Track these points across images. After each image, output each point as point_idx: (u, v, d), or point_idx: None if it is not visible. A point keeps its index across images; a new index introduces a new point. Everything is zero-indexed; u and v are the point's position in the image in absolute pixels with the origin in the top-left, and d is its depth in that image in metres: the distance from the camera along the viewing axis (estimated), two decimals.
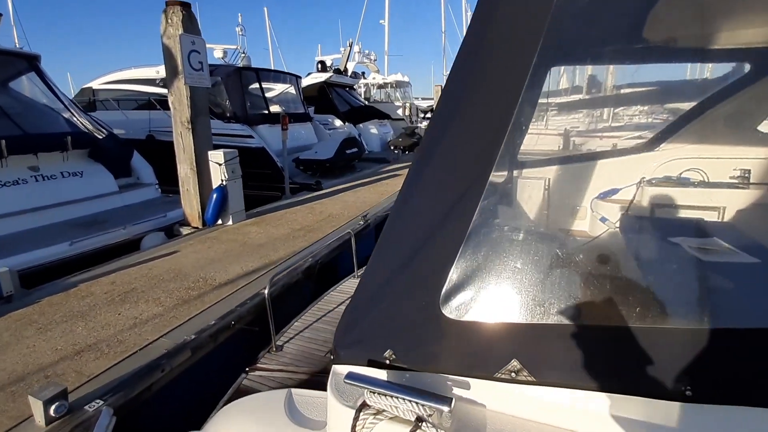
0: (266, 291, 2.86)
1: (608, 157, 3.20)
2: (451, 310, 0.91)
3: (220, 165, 5.71)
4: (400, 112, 18.49)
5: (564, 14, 0.88)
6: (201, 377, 2.98)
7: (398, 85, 22.00)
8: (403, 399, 0.86)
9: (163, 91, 9.45)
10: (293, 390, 1.30)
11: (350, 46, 18.66)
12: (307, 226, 5.83)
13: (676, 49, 2.36)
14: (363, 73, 21.15)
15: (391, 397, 0.86)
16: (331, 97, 14.09)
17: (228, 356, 3.13)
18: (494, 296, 0.97)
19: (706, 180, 2.83)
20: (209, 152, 5.83)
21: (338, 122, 13.50)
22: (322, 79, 14.19)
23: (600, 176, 2.99)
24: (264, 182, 8.57)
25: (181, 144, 5.70)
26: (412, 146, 13.93)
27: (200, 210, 5.84)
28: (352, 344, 1.05)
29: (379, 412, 0.88)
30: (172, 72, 5.45)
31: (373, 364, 0.98)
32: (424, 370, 0.93)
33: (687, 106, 3.11)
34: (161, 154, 7.11)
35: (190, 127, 5.54)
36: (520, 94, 0.86)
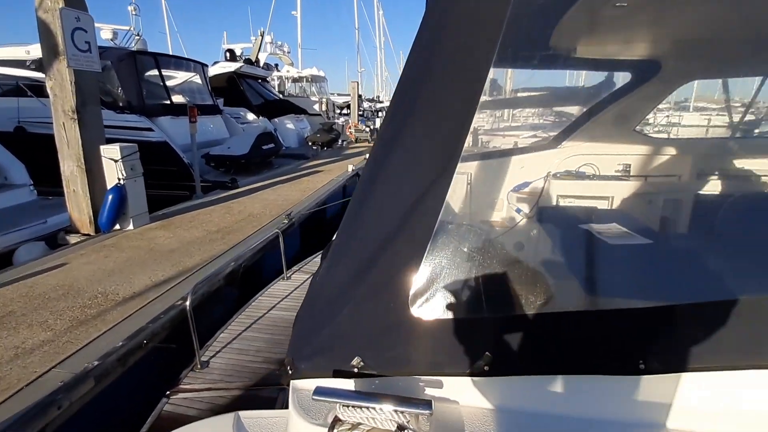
0: (187, 302, 2.58)
1: (519, 154, 3.51)
2: (421, 310, 0.90)
3: (116, 161, 4.99)
4: (316, 107, 18.11)
5: (519, 16, 0.91)
6: (110, 408, 2.58)
7: (314, 79, 21.50)
8: (381, 409, 0.83)
9: (36, 75, 7.96)
10: (241, 413, 1.18)
11: (261, 35, 17.68)
12: (225, 228, 5.40)
13: (576, 58, 2.66)
14: (276, 65, 20.24)
15: (367, 408, 0.82)
16: (242, 89, 13.22)
17: (142, 380, 2.77)
18: (462, 293, 0.99)
19: (598, 173, 3.27)
20: (102, 147, 5.06)
21: (251, 116, 12.73)
22: (232, 69, 13.24)
23: (513, 171, 3.28)
24: (168, 180, 7.73)
25: (65, 137, 4.85)
26: (330, 142, 13.77)
27: (92, 214, 5.05)
28: (313, 355, 0.98)
29: (354, 426, 0.83)
30: (50, 52, 4.59)
31: (339, 374, 0.93)
32: (396, 374, 0.91)
33: (580, 109, 3.55)
34: (35, 150, 6.00)
35: (75, 117, 4.74)
36: (481, 92, 0.87)
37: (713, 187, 3.10)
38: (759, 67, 2.98)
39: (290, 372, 0.99)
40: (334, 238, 1.25)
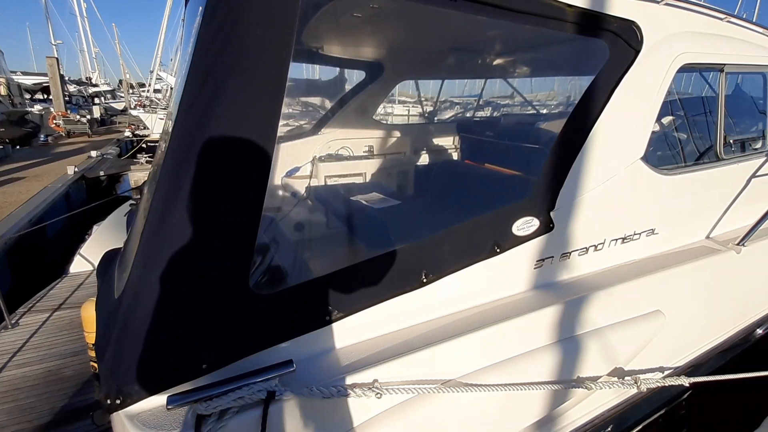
0: None
1: (287, 141, 3.76)
2: (260, 290, 0.99)
3: None
4: None
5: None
6: None
7: None
8: (244, 386, 0.89)
9: None
10: None
11: None
12: None
13: (323, 55, 3.08)
14: None
15: (231, 391, 0.87)
16: None
17: None
18: (288, 265, 1.11)
19: (353, 154, 3.92)
20: None
21: None
22: None
23: (284, 158, 3.51)
24: None
25: None
26: (26, 138, 10.18)
27: None
28: (147, 372, 0.91)
29: (222, 414, 0.86)
30: None
31: (185, 378, 0.91)
32: (249, 353, 0.97)
33: (329, 101, 4.09)
34: None
35: None
36: (286, 82, 0.98)
37: (423, 159, 4.27)
38: (445, 72, 4.26)
39: (118, 403, 0.89)
40: (131, 245, 1.12)
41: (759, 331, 2.30)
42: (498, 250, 1.32)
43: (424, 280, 1.19)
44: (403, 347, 1.13)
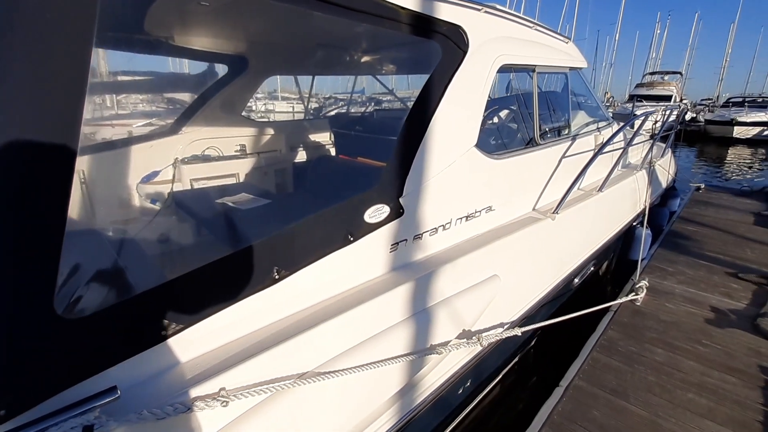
0: None
1: (138, 143, 3.33)
2: (76, 310, 0.87)
3: None
4: None
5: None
6: None
7: None
8: (52, 426, 0.77)
9: None
10: None
11: None
12: None
13: (175, 47, 2.79)
14: None
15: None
16: None
17: None
18: (120, 276, 0.99)
19: (222, 155, 3.67)
20: None
21: None
22: None
23: (136, 162, 3.11)
24: None
25: None
26: None
27: None
28: None
29: None
30: None
31: None
32: (61, 390, 0.84)
33: (192, 96, 3.74)
34: None
35: None
36: (88, 72, 0.86)
37: (301, 156, 4.22)
38: (313, 68, 4.23)
39: None
40: None
41: (576, 280, 2.87)
42: (351, 239, 1.39)
43: (276, 277, 1.19)
44: (254, 349, 1.11)
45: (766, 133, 19.56)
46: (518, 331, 1.81)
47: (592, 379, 2.11)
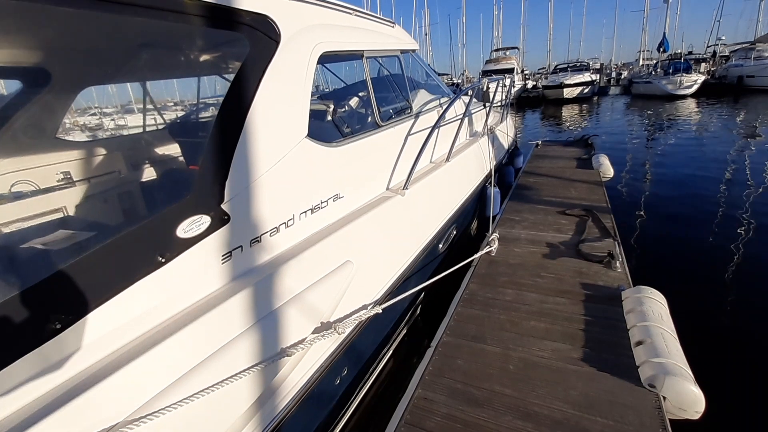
0: None
1: None
2: None
3: None
4: None
5: None
6: None
7: None
8: None
9: None
10: None
11: None
12: None
13: None
14: None
15: None
16: None
17: None
18: None
19: (40, 188, 3.05)
20: None
21: None
22: None
23: None
24: None
25: None
26: None
27: None
28: None
29: None
30: None
31: None
32: None
33: None
34: None
35: None
36: None
37: (149, 173, 3.74)
38: (134, 74, 3.73)
39: None
40: None
41: (440, 245, 3.11)
42: (162, 260, 1.26)
43: (59, 327, 1.01)
44: (41, 413, 0.93)
45: (586, 91, 23.83)
46: (379, 309, 1.88)
47: (457, 332, 2.33)
